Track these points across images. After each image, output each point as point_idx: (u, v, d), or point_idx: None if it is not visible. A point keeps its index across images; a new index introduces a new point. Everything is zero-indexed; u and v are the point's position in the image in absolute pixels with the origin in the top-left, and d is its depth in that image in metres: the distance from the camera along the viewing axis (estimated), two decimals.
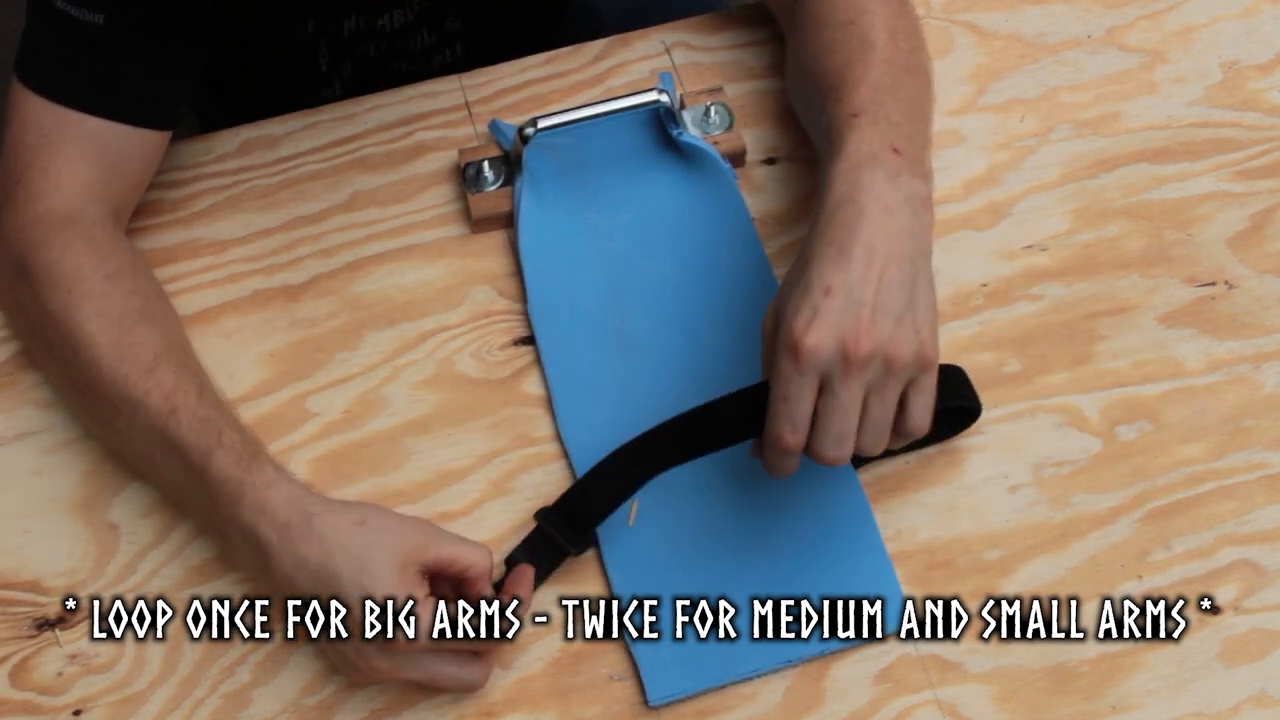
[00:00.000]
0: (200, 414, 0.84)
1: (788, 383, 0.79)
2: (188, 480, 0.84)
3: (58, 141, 0.91)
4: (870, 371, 0.78)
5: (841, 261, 0.79)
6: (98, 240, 0.91)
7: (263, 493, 0.81)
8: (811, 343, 0.78)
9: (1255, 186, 1.02)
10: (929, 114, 0.91)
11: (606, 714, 0.86)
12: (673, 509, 0.90)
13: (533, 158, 0.98)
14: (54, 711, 0.86)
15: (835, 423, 0.79)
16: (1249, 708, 0.85)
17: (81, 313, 0.87)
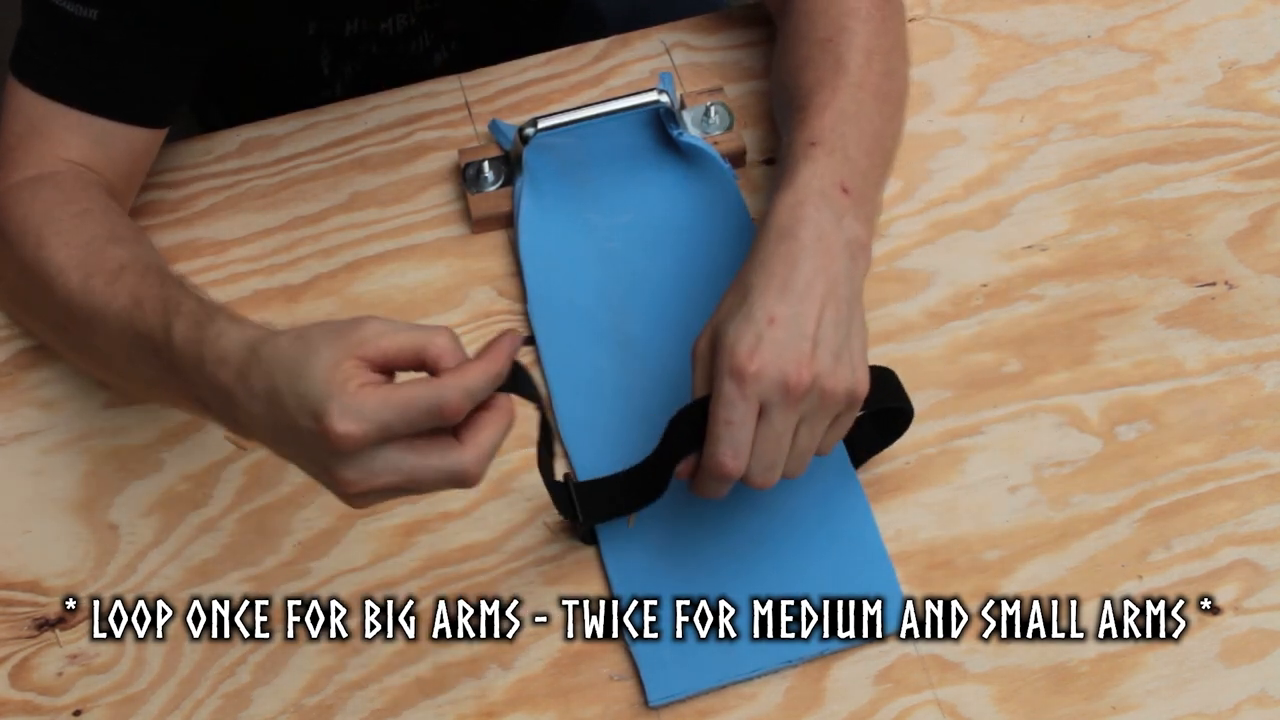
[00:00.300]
0: (161, 295, 0.81)
1: (731, 407, 0.80)
2: (161, 368, 0.80)
3: (43, 133, 0.91)
4: (807, 403, 0.80)
5: (785, 294, 0.81)
6: (66, 187, 0.90)
7: (217, 344, 0.75)
8: (755, 369, 0.79)
9: (1255, 186, 1.02)
10: (891, 145, 0.92)
11: (606, 714, 0.86)
12: (673, 509, 0.90)
13: (533, 158, 0.98)
14: (54, 711, 0.86)
15: (769, 450, 0.81)
16: (1249, 708, 0.85)
17: (49, 247, 0.86)
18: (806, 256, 0.82)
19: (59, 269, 0.86)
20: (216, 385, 0.76)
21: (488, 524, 0.91)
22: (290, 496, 0.91)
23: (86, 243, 0.87)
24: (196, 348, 0.77)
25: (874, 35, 0.93)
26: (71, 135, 0.91)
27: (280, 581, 0.89)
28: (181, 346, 0.78)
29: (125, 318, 0.82)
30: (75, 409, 0.95)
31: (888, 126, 0.92)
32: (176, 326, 0.78)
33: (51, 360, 0.96)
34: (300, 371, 0.71)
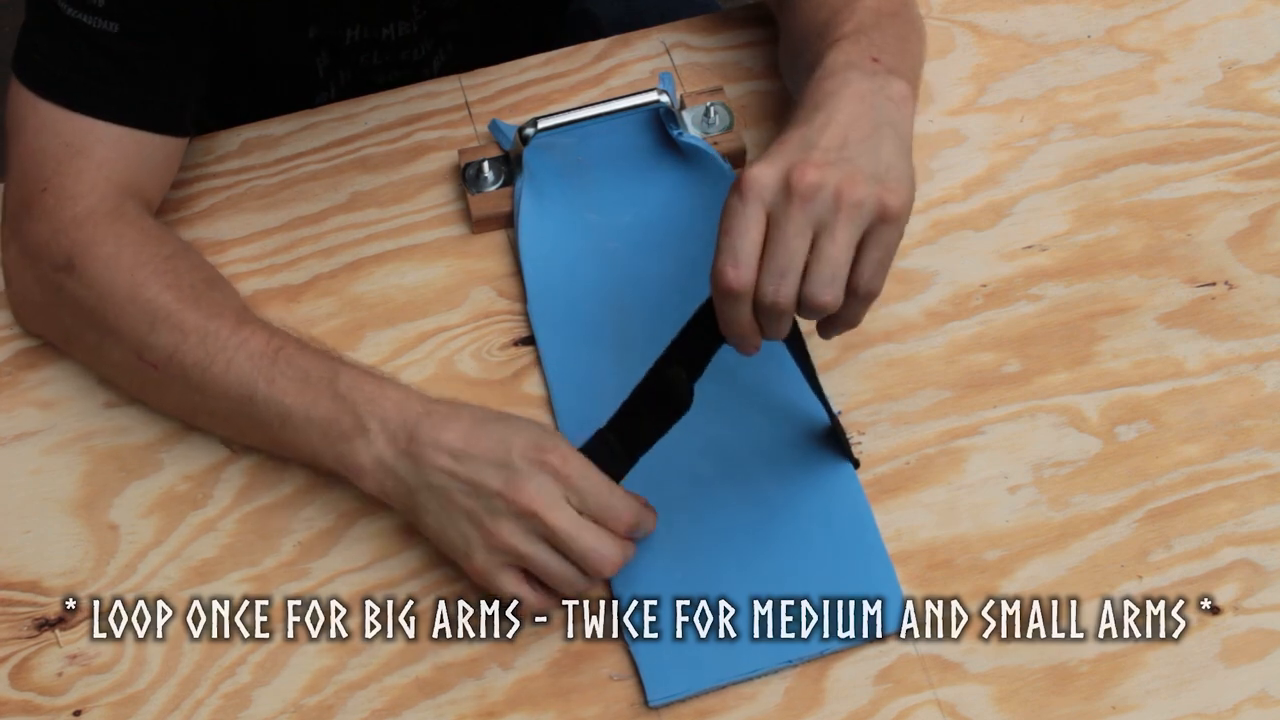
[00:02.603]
0: (311, 347, 0.87)
1: (731, 215, 0.76)
2: (304, 401, 0.85)
3: (84, 148, 0.91)
4: (818, 205, 0.75)
5: (802, 123, 0.79)
6: (149, 230, 0.91)
7: (405, 389, 0.85)
8: (755, 173, 0.76)
9: (1255, 186, 1.02)
10: (917, 52, 0.90)
11: (606, 714, 0.86)
12: (673, 509, 0.90)
13: (533, 158, 0.98)
14: (54, 711, 0.86)
15: (777, 256, 0.75)
16: (1249, 708, 0.85)
17: (153, 286, 0.88)
18: (832, 100, 0.79)
19: (169, 309, 0.88)
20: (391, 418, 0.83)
21: None
22: (290, 497, 0.91)
23: (190, 287, 0.89)
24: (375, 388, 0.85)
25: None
26: (114, 152, 0.91)
27: (280, 581, 0.89)
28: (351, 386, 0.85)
29: (263, 361, 0.86)
30: (75, 409, 0.95)
31: (911, 36, 0.90)
32: (345, 373, 0.85)
33: (51, 360, 0.96)
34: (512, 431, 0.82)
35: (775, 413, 0.93)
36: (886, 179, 0.76)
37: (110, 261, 0.89)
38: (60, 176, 0.91)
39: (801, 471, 0.91)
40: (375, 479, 0.84)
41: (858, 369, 0.95)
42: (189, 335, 0.87)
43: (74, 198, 0.90)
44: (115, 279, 0.89)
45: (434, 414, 0.83)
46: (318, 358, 0.87)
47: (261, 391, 0.86)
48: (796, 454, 0.92)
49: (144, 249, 0.90)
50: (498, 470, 0.81)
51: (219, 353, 0.87)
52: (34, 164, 0.91)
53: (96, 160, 0.91)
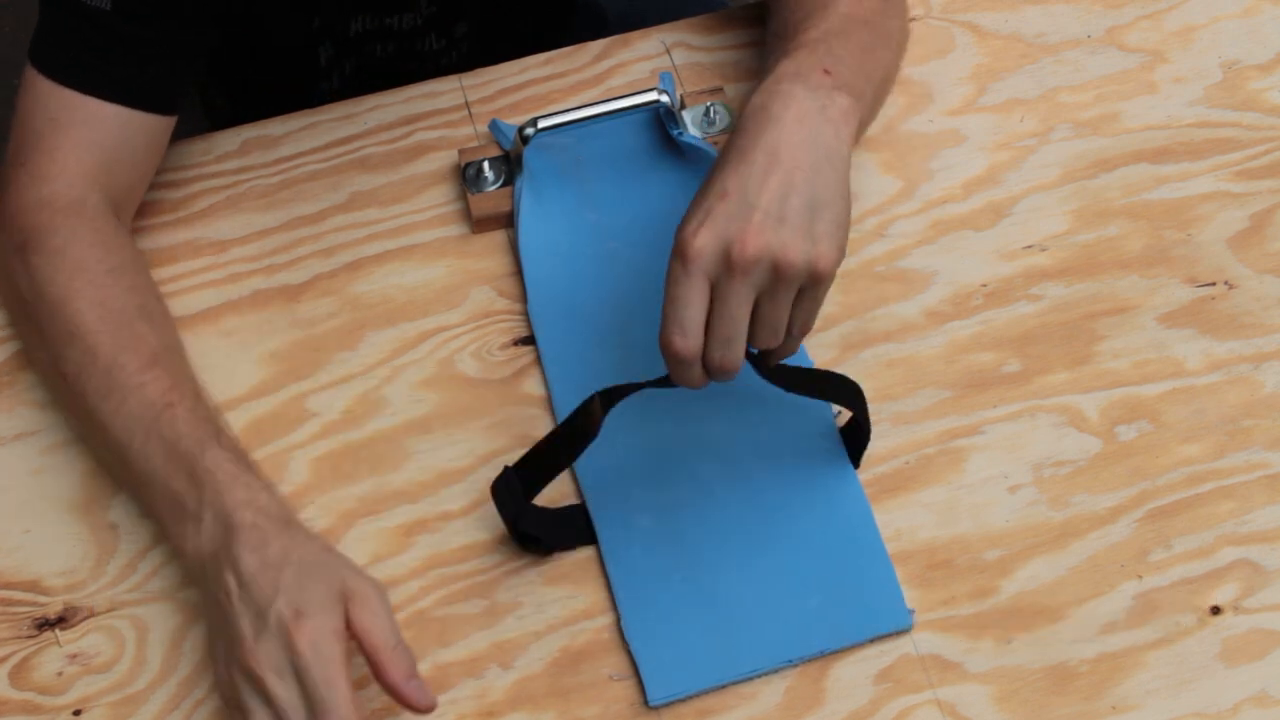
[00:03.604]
0: (199, 412, 0.86)
1: (675, 284, 0.78)
2: (165, 468, 0.84)
3: (63, 126, 0.91)
4: (758, 275, 0.78)
5: (741, 165, 0.79)
6: (102, 232, 0.91)
7: (256, 490, 0.82)
8: (698, 245, 0.77)
9: (1255, 186, 1.02)
10: (885, 63, 0.90)
11: (606, 714, 0.86)
12: (674, 510, 0.90)
13: (533, 158, 0.98)
14: (54, 711, 0.86)
15: (721, 326, 0.78)
16: (1249, 708, 0.85)
17: (82, 300, 0.88)
18: (772, 126, 0.80)
19: (88, 329, 0.87)
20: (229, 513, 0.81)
21: (488, 524, 0.91)
22: (289, 497, 0.91)
23: (118, 310, 0.88)
24: (231, 479, 0.82)
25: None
26: (93, 132, 0.91)
27: None
28: (213, 468, 0.83)
29: (150, 412, 0.85)
30: None
31: (878, 47, 0.90)
32: (212, 451, 0.83)
33: None
34: (312, 575, 0.79)
35: (775, 413, 0.93)
36: (820, 239, 0.79)
37: (53, 257, 0.89)
38: (37, 154, 0.91)
39: (801, 471, 0.91)
40: (188, 566, 0.84)
41: (858, 369, 0.95)
42: (98, 361, 0.86)
43: (43, 178, 0.91)
44: (52, 279, 0.88)
45: (255, 530, 0.80)
46: (198, 426, 0.85)
47: (137, 445, 0.85)
48: (796, 454, 0.92)
49: (89, 253, 0.89)
50: (252, 620, 0.78)
51: (116, 389, 0.86)
52: (19, 137, 0.92)
53: (73, 140, 0.91)
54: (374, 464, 0.93)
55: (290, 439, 0.93)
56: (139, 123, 0.93)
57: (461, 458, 0.93)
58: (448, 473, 0.92)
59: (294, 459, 0.92)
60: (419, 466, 0.93)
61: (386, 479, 0.92)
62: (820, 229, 0.79)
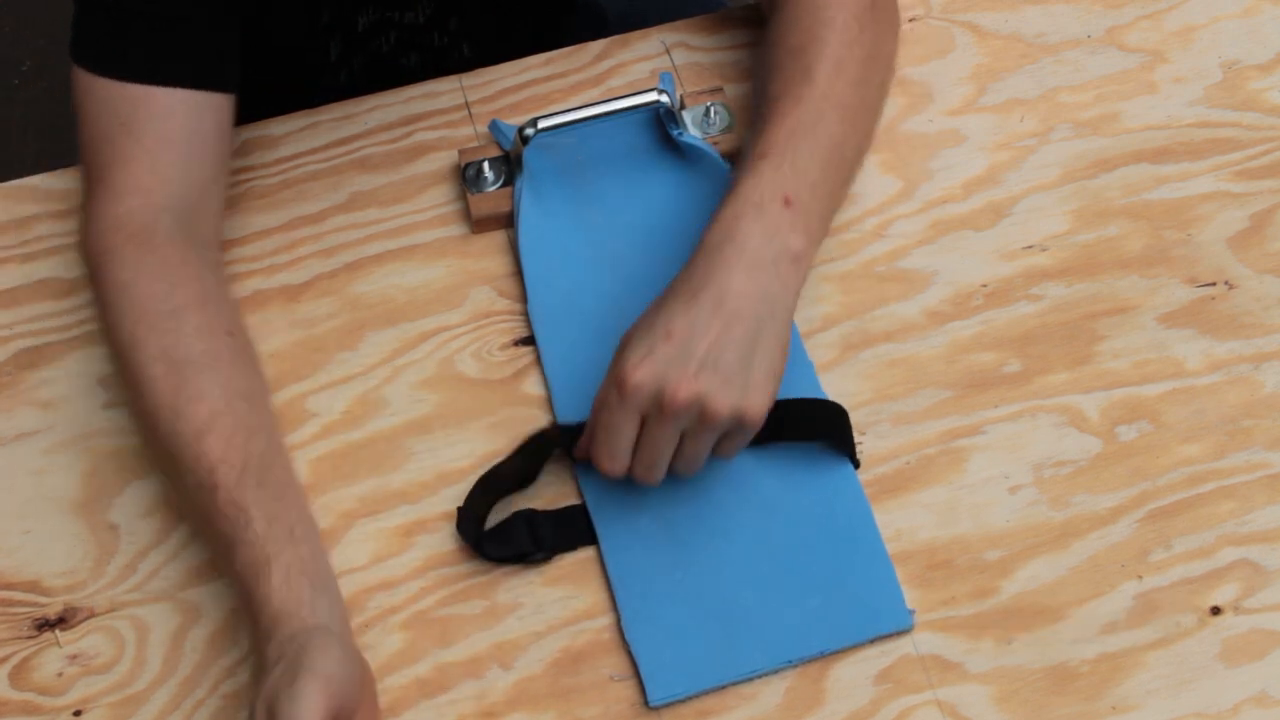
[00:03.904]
0: (233, 497, 0.83)
1: (609, 413, 0.84)
2: (216, 556, 0.86)
3: (135, 128, 0.90)
4: (686, 419, 0.83)
5: (689, 307, 0.83)
6: (170, 264, 0.89)
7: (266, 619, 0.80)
8: (635, 382, 0.82)
9: (1255, 186, 1.02)
10: (853, 156, 0.93)
11: (606, 714, 0.86)
12: (674, 510, 0.90)
13: (533, 158, 0.98)
14: (54, 712, 0.86)
15: (647, 455, 0.84)
16: (1249, 708, 0.85)
17: (146, 351, 0.87)
18: (725, 271, 0.84)
19: (150, 388, 0.86)
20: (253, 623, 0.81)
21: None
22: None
23: (181, 363, 0.86)
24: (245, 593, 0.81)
25: (847, 45, 0.93)
26: (161, 127, 0.91)
27: None
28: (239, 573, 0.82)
29: (199, 495, 0.84)
30: (75, 409, 0.95)
31: (850, 137, 0.92)
32: (239, 552, 0.82)
33: (51, 360, 0.96)
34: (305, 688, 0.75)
35: None
36: (751, 390, 0.83)
37: (121, 293, 0.88)
38: (113, 164, 0.91)
39: (801, 471, 0.91)
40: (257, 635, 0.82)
41: (858, 369, 0.95)
42: (159, 425, 0.86)
43: (117, 194, 0.90)
44: (119, 323, 0.88)
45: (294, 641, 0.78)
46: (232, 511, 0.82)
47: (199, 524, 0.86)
48: (796, 454, 0.92)
49: (155, 290, 0.88)
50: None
51: (174, 462, 0.85)
52: (94, 147, 0.91)
53: (145, 145, 0.90)
54: (374, 464, 0.93)
55: (290, 439, 0.93)
56: (205, 105, 0.92)
57: (461, 458, 0.93)
58: (448, 473, 0.92)
59: (294, 460, 0.92)
60: (419, 467, 0.93)
61: (386, 479, 0.92)
62: (753, 379, 0.83)
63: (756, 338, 0.83)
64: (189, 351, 0.87)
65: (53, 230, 1.00)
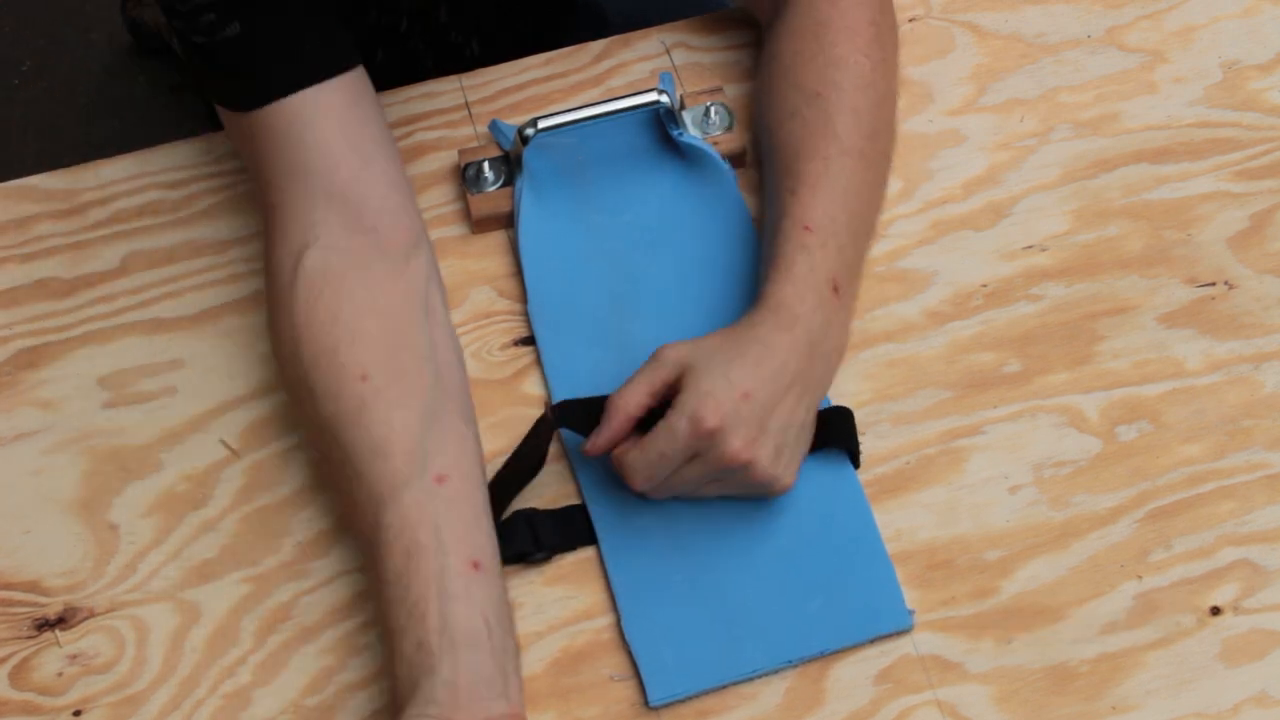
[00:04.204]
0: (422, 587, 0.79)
1: (672, 443, 0.84)
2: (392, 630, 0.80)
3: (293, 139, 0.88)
4: (728, 473, 0.86)
5: (765, 379, 0.85)
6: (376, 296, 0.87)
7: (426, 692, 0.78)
8: (711, 427, 0.83)
9: (1255, 186, 1.02)
10: (874, 217, 0.95)
11: (607, 714, 0.86)
12: (674, 510, 0.90)
13: (533, 158, 0.98)
14: (54, 712, 0.86)
15: (673, 484, 0.86)
16: (1249, 708, 0.85)
17: (347, 376, 0.84)
18: (795, 355, 0.86)
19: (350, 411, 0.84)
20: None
21: None
22: (290, 497, 0.91)
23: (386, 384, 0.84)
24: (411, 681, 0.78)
25: (861, 90, 0.94)
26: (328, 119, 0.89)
27: (280, 582, 0.89)
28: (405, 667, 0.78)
29: (385, 552, 0.81)
30: (75, 409, 0.95)
31: (874, 198, 0.95)
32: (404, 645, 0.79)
33: (51, 360, 0.96)
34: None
35: None
36: (789, 467, 0.87)
37: (329, 323, 0.85)
38: (281, 190, 0.89)
39: (801, 472, 0.91)
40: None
41: (858, 369, 0.95)
42: (359, 456, 0.82)
43: (300, 219, 0.88)
44: (322, 347, 0.85)
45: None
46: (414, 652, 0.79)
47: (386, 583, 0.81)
48: None
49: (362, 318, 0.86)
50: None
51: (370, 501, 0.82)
52: (261, 180, 0.90)
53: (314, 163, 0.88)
54: None
55: (290, 439, 0.93)
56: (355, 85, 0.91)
57: None
58: None
59: (294, 460, 0.92)
60: None
61: None
62: (794, 459, 0.87)
63: (806, 423, 0.88)
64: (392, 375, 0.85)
65: (53, 230, 1.00)
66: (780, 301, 0.87)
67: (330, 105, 0.90)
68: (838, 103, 0.93)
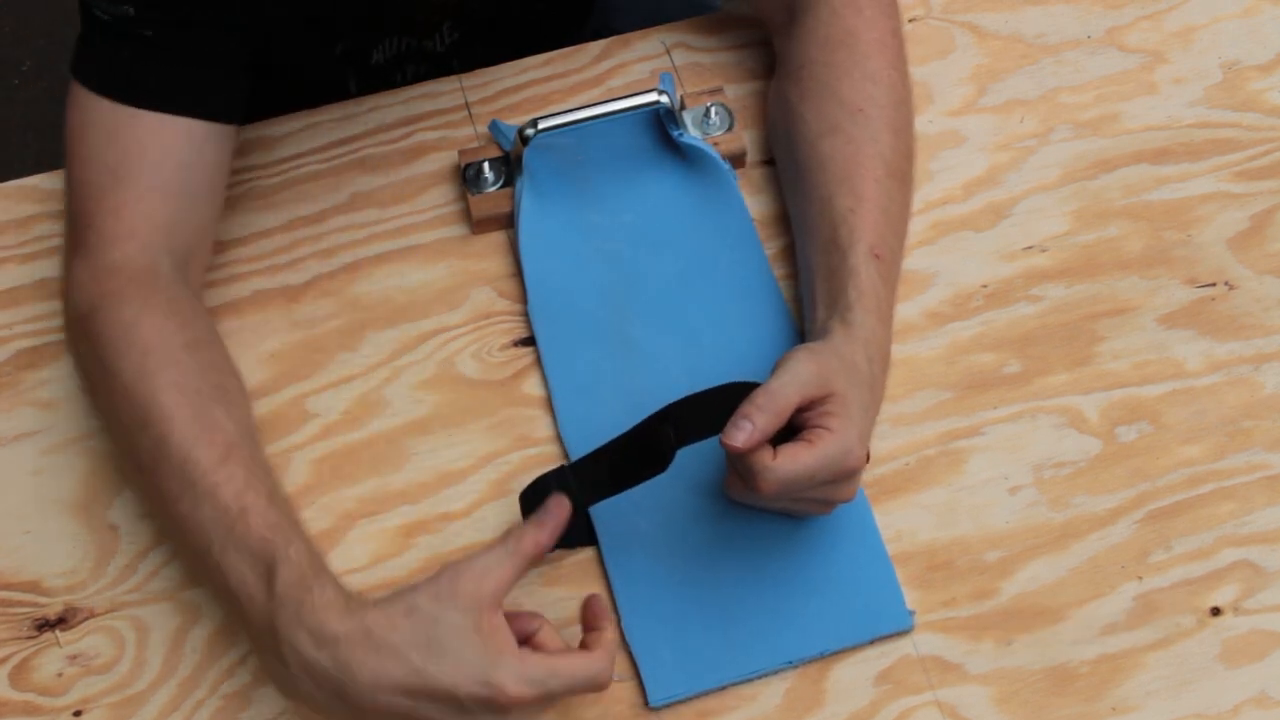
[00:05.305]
0: (269, 519, 0.80)
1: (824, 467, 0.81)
2: (238, 588, 0.79)
3: (133, 163, 0.88)
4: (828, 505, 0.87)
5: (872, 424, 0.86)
6: (178, 303, 0.88)
7: (330, 592, 0.78)
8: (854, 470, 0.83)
9: (1255, 187, 1.02)
10: (907, 229, 0.96)
11: (607, 715, 0.86)
12: (674, 510, 0.90)
13: (533, 158, 0.98)
14: (54, 712, 0.86)
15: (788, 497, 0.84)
16: (1249, 708, 0.85)
17: (157, 381, 0.84)
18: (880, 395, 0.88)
19: (162, 415, 0.83)
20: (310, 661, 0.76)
21: (488, 525, 0.91)
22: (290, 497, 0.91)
23: (195, 393, 0.84)
24: (297, 608, 0.77)
25: (897, 108, 0.95)
26: (163, 155, 0.88)
27: None
28: (282, 596, 0.78)
29: (226, 519, 0.80)
30: (75, 409, 0.95)
31: (908, 211, 0.95)
32: (282, 572, 0.78)
33: (51, 360, 0.96)
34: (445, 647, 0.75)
35: None
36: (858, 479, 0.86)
37: (127, 331, 0.85)
38: (101, 212, 0.88)
39: None
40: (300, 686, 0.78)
41: None
42: (171, 456, 0.82)
43: (111, 240, 0.88)
44: (125, 354, 0.85)
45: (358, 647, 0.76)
46: (271, 534, 0.79)
47: (214, 554, 0.80)
48: None
49: (165, 326, 0.86)
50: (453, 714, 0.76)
51: (189, 489, 0.81)
52: (83, 191, 0.89)
53: (137, 191, 0.88)
54: (374, 465, 0.93)
55: (290, 440, 0.93)
56: (209, 137, 0.90)
57: (461, 459, 0.93)
58: (448, 474, 0.92)
59: (294, 460, 0.92)
60: (419, 467, 0.93)
61: (387, 480, 0.92)
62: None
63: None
64: (203, 383, 0.85)
65: (53, 230, 1.00)
66: (872, 335, 0.87)
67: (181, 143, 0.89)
68: (880, 121, 0.94)
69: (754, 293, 0.97)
